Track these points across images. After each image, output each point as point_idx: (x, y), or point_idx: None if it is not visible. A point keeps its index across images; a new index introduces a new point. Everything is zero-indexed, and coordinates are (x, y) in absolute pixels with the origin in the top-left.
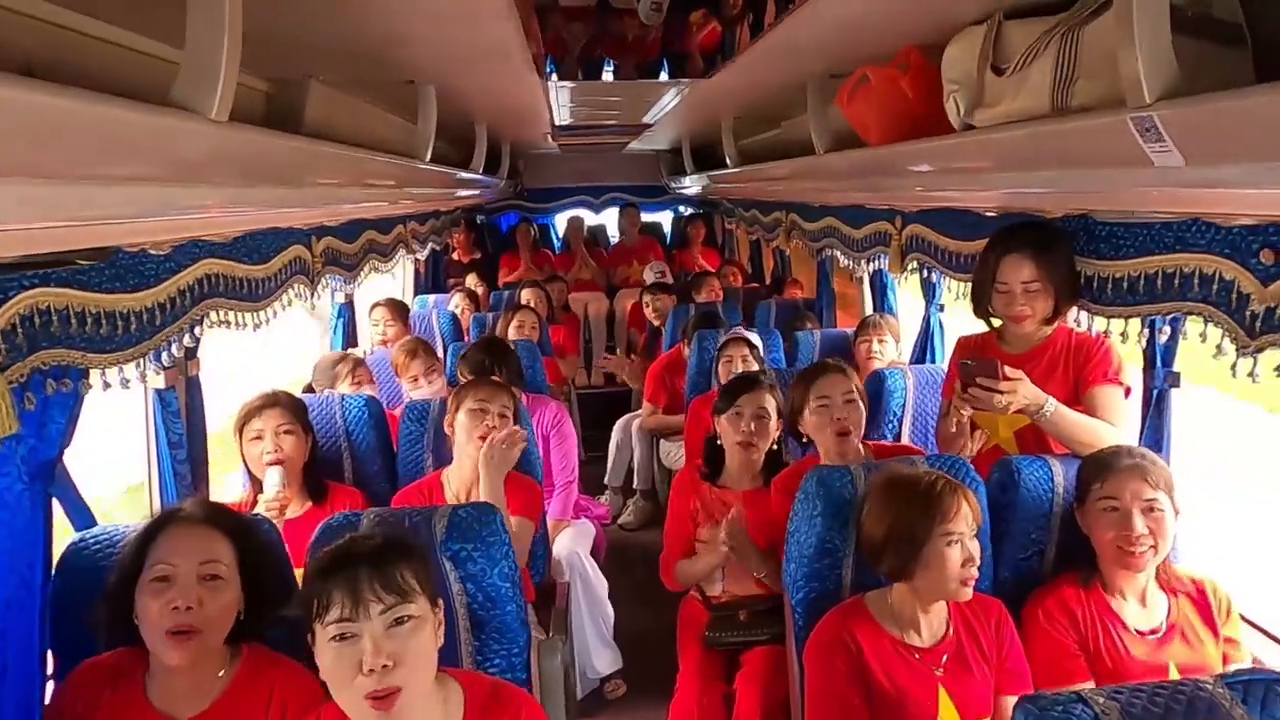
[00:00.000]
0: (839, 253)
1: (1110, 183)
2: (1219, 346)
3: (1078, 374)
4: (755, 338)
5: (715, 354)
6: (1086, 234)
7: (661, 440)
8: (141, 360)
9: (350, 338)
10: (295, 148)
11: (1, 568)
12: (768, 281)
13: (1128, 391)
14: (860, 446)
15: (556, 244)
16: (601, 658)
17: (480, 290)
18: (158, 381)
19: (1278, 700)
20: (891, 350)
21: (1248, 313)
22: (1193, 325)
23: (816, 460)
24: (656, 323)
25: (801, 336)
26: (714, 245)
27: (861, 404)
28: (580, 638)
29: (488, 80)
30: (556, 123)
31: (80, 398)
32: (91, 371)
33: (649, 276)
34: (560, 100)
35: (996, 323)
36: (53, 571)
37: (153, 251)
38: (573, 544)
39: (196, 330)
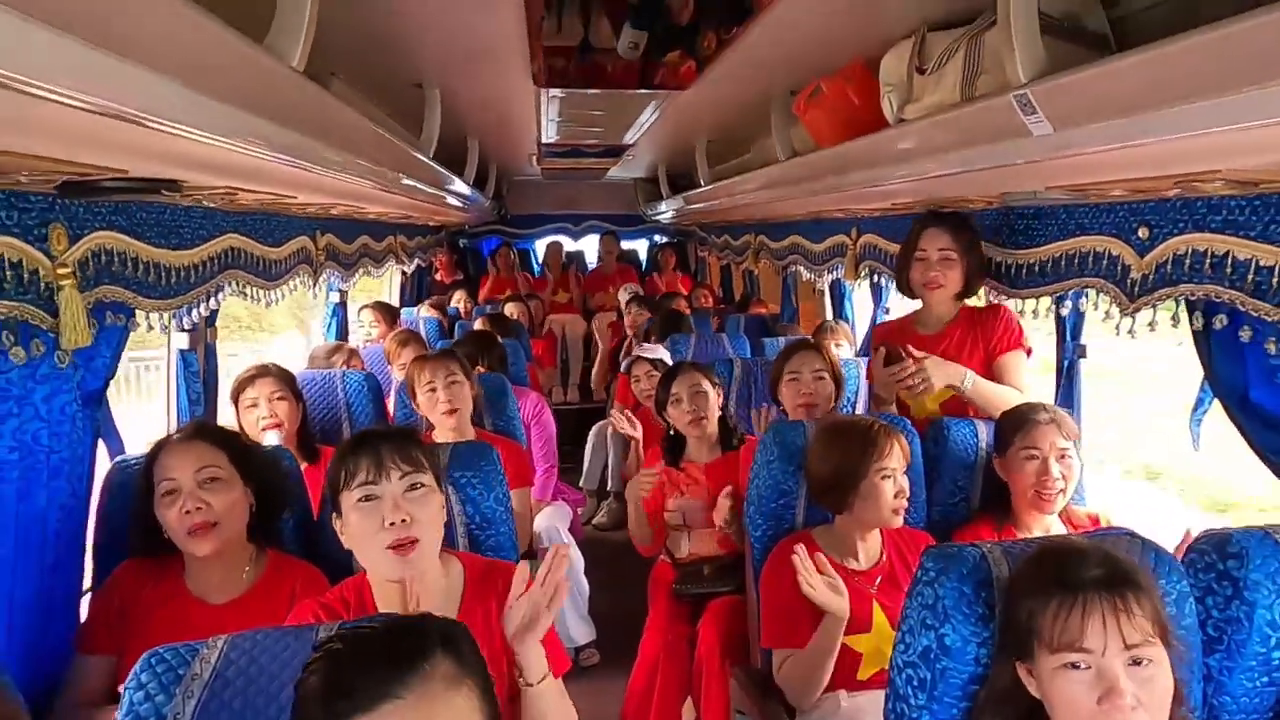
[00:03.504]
0: (802, 267)
1: (1004, 155)
2: (1107, 312)
3: (986, 343)
4: (663, 352)
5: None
6: (1008, 228)
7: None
8: (177, 313)
9: (343, 335)
10: (340, 111)
11: (58, 476)
12: (737, 300)
13: (1029, 352)
14: None
15: (536, 269)
16: (577, 628)
17: (465, 306)
18: (182, 342)
19: (1126, 548)
20: (846, 351)
21: (1129, 280)
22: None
23: None
24: (632, 334)
25: (767, 343)
26: (687, 271)
27: (831, 381)
28: None
29: (488, 86)
30: (544, 140)
31: (125, 336)
32: (137, 313)
33: (623, 296)
34: (549, 113)
35: (918, 304)
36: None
37: (207, 204)
38: (552, 520)
39: (220, 295)
